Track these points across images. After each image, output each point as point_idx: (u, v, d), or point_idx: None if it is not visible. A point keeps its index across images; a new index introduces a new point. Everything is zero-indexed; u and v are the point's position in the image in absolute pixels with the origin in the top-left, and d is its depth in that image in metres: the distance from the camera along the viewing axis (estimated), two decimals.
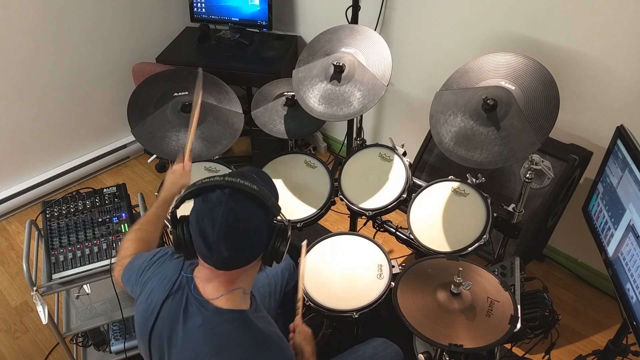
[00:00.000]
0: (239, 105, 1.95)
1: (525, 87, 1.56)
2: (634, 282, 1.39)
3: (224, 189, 0.99)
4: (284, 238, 1.05)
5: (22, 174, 2.72)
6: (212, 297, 1.06)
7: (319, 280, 1.63)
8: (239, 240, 0.99)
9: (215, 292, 1.06)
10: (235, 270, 1.04)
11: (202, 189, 1.01)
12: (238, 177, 1.01)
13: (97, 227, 1.73)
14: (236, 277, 1.06)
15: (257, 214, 1.00)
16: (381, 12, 2.42)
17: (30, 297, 1.77)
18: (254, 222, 1.00)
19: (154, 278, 1.17)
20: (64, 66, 2.63)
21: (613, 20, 1.78)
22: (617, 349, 1.60)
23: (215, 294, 1.06)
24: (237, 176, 1.01)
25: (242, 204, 0.98)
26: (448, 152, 1.62)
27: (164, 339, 1.10)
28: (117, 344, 1.92)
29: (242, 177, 1.01)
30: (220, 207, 0.97)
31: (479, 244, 1.66)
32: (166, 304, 1.11)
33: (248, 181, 1.00)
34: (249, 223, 0.99)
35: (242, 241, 0.99)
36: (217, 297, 1.06)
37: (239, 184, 0.98)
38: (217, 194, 0.99)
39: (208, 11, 2.81)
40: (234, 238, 0.98)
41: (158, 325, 1.11)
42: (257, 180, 1.05)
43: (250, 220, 0.99)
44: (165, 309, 1.11)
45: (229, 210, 0.97)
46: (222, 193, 0.98)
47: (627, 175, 1.45)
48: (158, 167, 3.02)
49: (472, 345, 1.28)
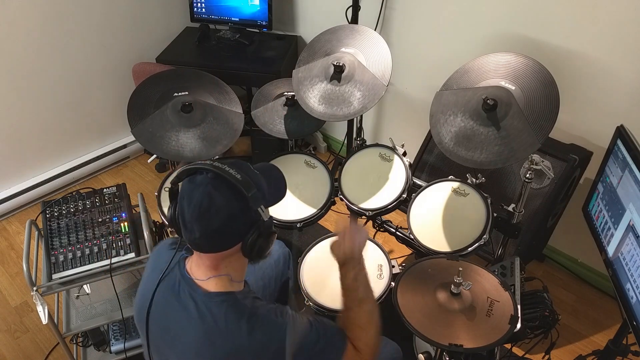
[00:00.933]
0: (239, 105, 1.95)
1: (525, 87, 1.56)
2: (634, 282, 1.39)
3: (208, 172, 1.01)
4: (263, 234, 1.04)
5: (22, 174, 2.72)
6: (200, 279, 1.09)
7: (319, 280, 1.63)
8: (210, 224, 1.00)
9: (203, 275, 1.09)
10: (216, 255, 1.06)
11: (191, 170, 1.04)
12: (226, 164, 1.03)
13: (97, 227, 1.73)
14: (219, 262, 1.08)
15: (233, 202, 1.00)
16: (381, 12, 2.42)
17: (30, 297, 1.77)
18: (228, 209, 1.00)
19: (149, 267, 1.23)
20: (63, 66, 2.63)
21: (613, 20, 1.78)
22: (617, 349, 1.60)
23: (203, 277, 1.09)
24: (225, 163, 1.03)
25: (220, 189, 1.00)
26: (448, 152, 1.62)
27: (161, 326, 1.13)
28: (117, 344, 1.92)
29: (230, 165, 1.03)
30: (199, 188, 1.00)
31: (479, 244, 1.66)
32: (160, 287, 1.14)
33: (234, 169, 1.01)
34: (222, 209, 1.00)
35: (214, 226, 1.00)
36: (204, 279, 1.08)
37: (222, 170, 1.00)
38: (201, 177, 1.01)
39: (208, 11, 2.81)
40: (206, 221, 1.00)
41: (154, 312, 1.14)
42: (250, 171, 1.06)
43: (225, 207, 1.00)
44: (159, 293, 1.14)
45: (206, 193, 0.99)
46: (205, 176, 1.01)
47: (627, 175, 1.45)
48: (158, 167, 3.02)
49: (472, 345, 1.28)
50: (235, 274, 1.11)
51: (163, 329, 1.13)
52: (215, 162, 1.03)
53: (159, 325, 1.14)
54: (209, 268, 1.08)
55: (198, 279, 1.09)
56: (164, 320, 1.12)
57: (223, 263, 1.08)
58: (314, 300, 1.57)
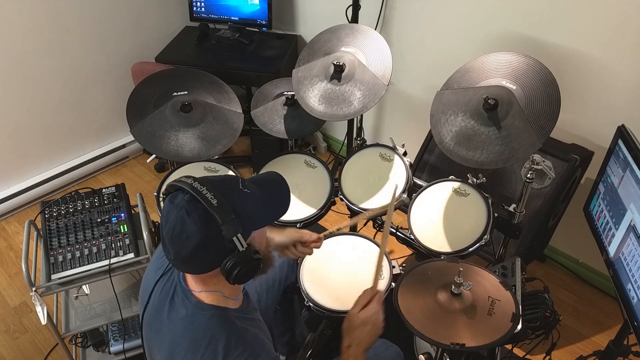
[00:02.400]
0: (238, 104, 1.95)
1: (526, 87, 1.55)
2: (635, 283, 1.38)
3: (185, 194, 0.96)
4: (240, 263, 0.97)
5: (21, 174, 2.71)
6: (195, 290, 1.07)
7: (319, 281, 1.62)
8: (182, 250, 0.96)
9: (195, 287, 1.07)
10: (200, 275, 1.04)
11: (174, 187, 1.00)
12: (208, 184, 0.96)
13: (96, 228, 1.72)
14: (205, 279, 1.04)
15: (204, 230, 0.94)
16: (381, 12, 2.41)
17: (29, 297, 1.76)
18: (199, 237, 0.94)
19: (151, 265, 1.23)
20: (62, 65, 2.62)
21: (615, 19, 1.77)
22: (618, 350, 1.60)
23: (195, 288, 1.07)
24: (209, 182, 0.97)
25: (193, 215, 0.94)
26: (449, 152, 1.61)
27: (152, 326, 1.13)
28: (116, 345, 1.92)
29: (212, 186, 0.96)
30: (174, 211, 0.96)
31: (480, 245, 1.65)
32: (158, 286, 1.14)
33: (213, 192, 0.95)
34: (193, 237, 0.94)
35: (186, 251, 0.96)
36: (197, 291, 1.06)
37: (199, 193, 0.94)
38: (180, 197, 0.97)
39: (207, 10, 2.80)
40: (178, 246, 0.96)
41: (149, 309, 1.14)
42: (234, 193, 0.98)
43: (196, 235, 0.94)
44: (156, 292, 1.13)
45: (179, 217, 0.95)
46: (183, 197, 0.96)
47: (628, 175, 1.45)
48: (157, 167, 3.01)
49: (474, 344, 1.27)
50: (228, 291, 1.07)
51: (155, 330, 1.12)
52: (196, 183, 0.96)
53: (152, 326, 1.14)
54: (198, 282, 1.06)
55: (192, 290, 1.07)
56: (157, 323, 1.12)
57: (211, 280, 1.04)
58: (314, 300, 1.57)
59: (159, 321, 1.11)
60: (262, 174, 1.17)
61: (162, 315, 1.10)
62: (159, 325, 1.11)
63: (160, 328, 1.10)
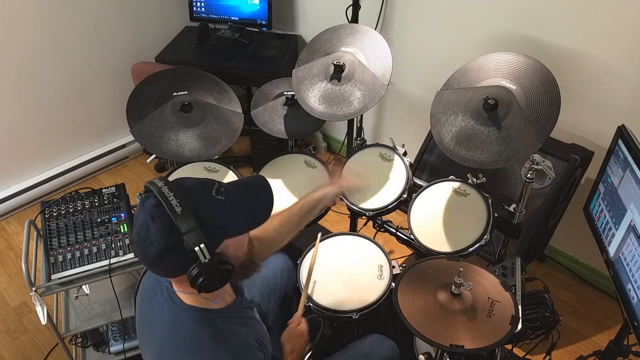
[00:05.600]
0: (238, 104, 1.95)
1: (526, 87, 1.55)
2: (635, 283, 1.38)
3: (154, 198, 0.94)
4: (202, 274, 0.94)
5: (20, 174, 2.71)
6: (176, 290, 1.06)
7: (319, 281, 1.62)
8: (146, 254, 0.95)
9: (176, 287, 1.06)
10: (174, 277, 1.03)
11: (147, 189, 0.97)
12: (176, 189, 0.94)
13: (96, 228, 1.72)
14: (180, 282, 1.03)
15: (166, 238, 0.92)
16: (381, 12, 2.41)
17: (29, 297, 1.76)
18: (161, 244, 0.92)
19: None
20: (62, 65, 2.62)
21: (615, 19, 1.77)
22: (618, 350, 1.60)
23: (176, 288, 1.06)
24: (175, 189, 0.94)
25: (157, 221, 0.92)
26: (449, 152, 1.61)
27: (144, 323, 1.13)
28: (116, 345, 1.92)
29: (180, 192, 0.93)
30: (142, 214, 0.94)
31: (480, 245, 1.65)
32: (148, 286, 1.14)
33: (180, 199, 0.92)
34: (155, 243, 0.92)
35: (150, 256, 0.94)
36: (179, 291, 1.06)
37: (165, 199, 0.92)
38: (149, 200, 0.95)
39: (207, 10, 2.80)
40: (143, 250, 0.95)
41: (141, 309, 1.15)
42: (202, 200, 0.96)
43: (158, 241, 0.92)
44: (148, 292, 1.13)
45: (145, 222, 0.93)
46: (150, 202, 0.94)
47: (628, 175, 1.45)
48: (157, 167, 3.01)
49: (473, 346, 1.27)
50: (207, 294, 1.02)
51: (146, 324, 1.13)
52: (165, 187, 0.94)
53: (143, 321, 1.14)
54: (175, 283, 1.05)
55: (175, 290, 1.06)
56: (147, 317, 1.12)
57: (186, 283, 0.99)
58: (314, 300, 1.57)
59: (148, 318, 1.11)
60: (246, 178, 1.13)
61: (150, 312, 1.11)
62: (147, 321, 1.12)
63: (150, 324, 1.11)
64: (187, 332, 1.03)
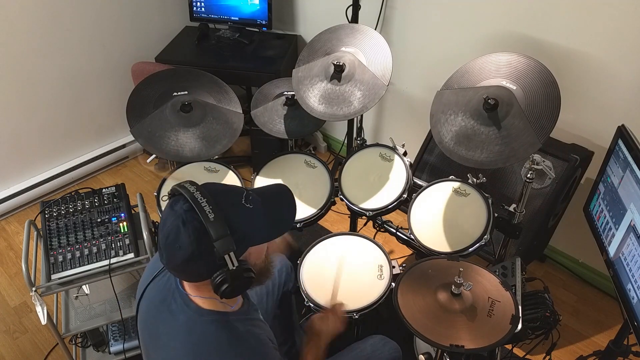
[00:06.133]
0: (238, 104, 1.95)
1: (526, 87, 1.55)
2: (635, 283, 1.38)
3: (185, 203, 0.94)
4: (227, 280, 0.95)
5: (21, 174, 2.71)
6: (192, 294, 1.06)
7: (319, 281, 1.62)
8: (173, 258, 0.95)
9: (192, 292, 1.06)
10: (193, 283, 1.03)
11: (176, 191, 0.98)
12: (210, 194, 0.94)
13: (96, 228, 1.72)
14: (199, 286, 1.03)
15: (196, 244, 0.92)
16: (381, 12, 2.41)
17: (29, 297, 1.76)
18: (191, 249, 0.93)
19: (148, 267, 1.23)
20: (62, 65, 2.62)
21: (615, 19, 1.77)
22: (618, 350, 1.60)
23: (192, 293, 1.06)
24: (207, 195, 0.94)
25: (188, 226, 0.92)
26: (449, 152, 1.61)
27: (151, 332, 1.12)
28: (116, 345, 1.92)
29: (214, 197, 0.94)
30: (172, 218, 0.94)
31: (480, 245, 1.65)
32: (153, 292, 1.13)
33: (213, 205, 0.93)
34: (185, 248, 0.93)
35: (177, 261, 0.95)
36: (194, 295, 1.05)
37: (198, 205, 0.92)
38: (179, 204, 0.95)
39: (207, 10, 2.80)
40: (171, 254, 0.95)
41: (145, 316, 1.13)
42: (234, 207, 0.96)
43: (188, 247, 0.93)
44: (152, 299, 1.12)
45: (175, 226, 0.93)
46: (182, 205, 0.94)
47: (628, 175, 1.45)
48: (157, 167, 3.01)
49: (474, 346, 1.27)
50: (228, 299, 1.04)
51: (153, 335, 1.11)
52: (197, 192, 0.94)
53: (149, 330, 1.13)
54: (192, 288, 1.05)
55: (190, 294, 1.06)
56: (155, 327, 1.10)
57: (205, 288, 1.01)
58: (314, 300, 1.57)
59: (157, 327, 1.09)
60: (271, 186, 1.13)
61: (160, 321, 1.09)
62: (155, 331, 1.10)
63: (158, 334, 1.09)
64: (208, 336, 1.02)
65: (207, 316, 1.04)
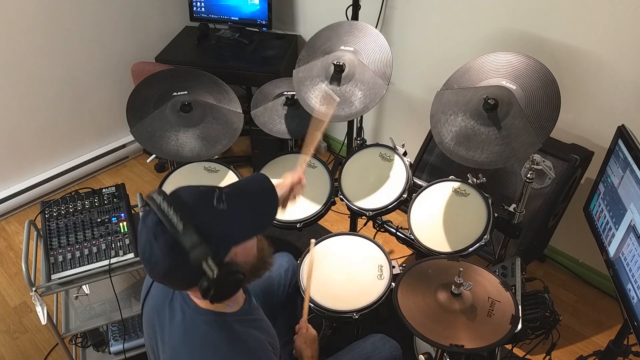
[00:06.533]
0: (238, 104, 1.95)
1: (526, 87, 1.55)
2: (635, 283, 1.38)
3: (155, 215, 0.91)
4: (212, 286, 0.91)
5: (20, 174, 2.71)
6: (191, 294, 1.06)
7: (319, 281, 1.62)
8: (154, 272, 0.94)
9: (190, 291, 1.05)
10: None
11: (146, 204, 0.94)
12: (173, 205, 0.90)
13: (96, 228, 1.72)
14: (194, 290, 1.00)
15: (170, 257, 0.90)
16: (381, 11, 2.41)
17: (29, 297, 1.76)
18: (166, 263, 0.91)
19: None
20: (62, 65, 2.62)
21: (615, 19, 1.77)
22: (618, 350, 1.60)
23: (191, 292, 1.05)
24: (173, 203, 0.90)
25: (159, 240, 0.90)
26: (449, 152, 1.61)
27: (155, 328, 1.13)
28: (116, 345, 1.92)
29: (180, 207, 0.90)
30: (144, 232, 0.93)
31: (480, 245, 1.65)
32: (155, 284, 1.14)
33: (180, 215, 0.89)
34: (160, 262, 0.91)
35: (158, 274, 0.94)
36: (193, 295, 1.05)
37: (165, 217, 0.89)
38: (150, 217, 0.92)
39: (207, 10, 2.80)
40: (150, 268, 0.94)
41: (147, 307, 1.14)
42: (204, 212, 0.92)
43: (163, 261, 0.90)
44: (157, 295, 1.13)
45: (148, 241, 0.91)
46: (151, 219, 0.91)
47: (628, 175, 1.45)
48: (157, 167, 3.01)
49: (473, 346, 1.27)
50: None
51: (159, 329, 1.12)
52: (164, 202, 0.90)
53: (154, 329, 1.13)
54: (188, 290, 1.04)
55: (190, 293, 1.06)
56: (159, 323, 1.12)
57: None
58: (314, 300, 1.56)
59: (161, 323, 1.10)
60: (247, 178, 1.09)
61: (163, 318, 1.10)
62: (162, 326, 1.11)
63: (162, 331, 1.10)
64: (203, 335, 1.02)
65: (205, 316, 1.04)
